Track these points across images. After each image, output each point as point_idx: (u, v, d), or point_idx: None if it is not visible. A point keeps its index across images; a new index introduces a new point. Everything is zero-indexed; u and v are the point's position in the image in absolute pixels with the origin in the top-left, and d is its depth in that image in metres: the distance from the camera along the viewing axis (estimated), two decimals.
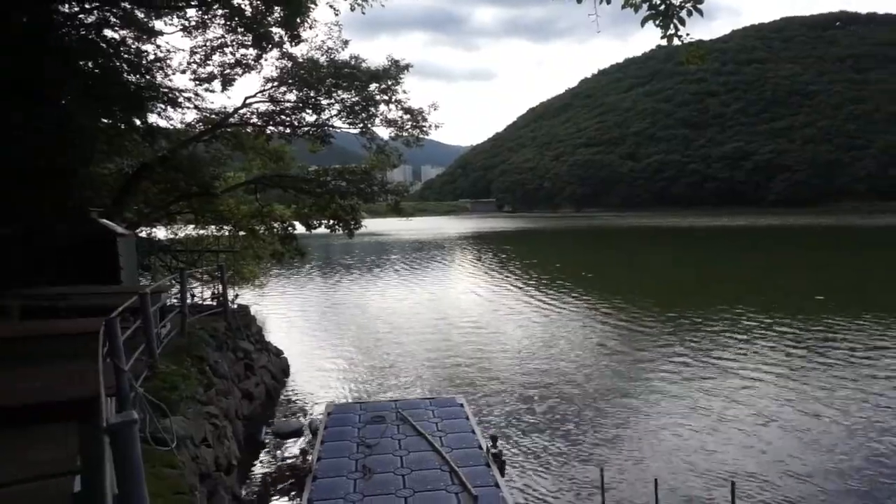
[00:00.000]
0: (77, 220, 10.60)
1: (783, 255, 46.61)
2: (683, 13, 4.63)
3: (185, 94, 15.04)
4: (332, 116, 17.58)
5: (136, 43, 13.38)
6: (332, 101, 17.20)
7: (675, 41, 4.74)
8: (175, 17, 13.97)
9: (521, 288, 29.17)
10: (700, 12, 4.64)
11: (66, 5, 11.66)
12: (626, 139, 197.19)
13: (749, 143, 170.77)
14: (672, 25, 4.66)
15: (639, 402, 11.96)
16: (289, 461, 8.69)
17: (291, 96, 17.24)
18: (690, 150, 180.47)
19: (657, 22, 4.67)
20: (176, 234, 19.55)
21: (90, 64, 11.65)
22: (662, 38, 4.75)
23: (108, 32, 12.29)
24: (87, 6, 12.03)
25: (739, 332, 17.86)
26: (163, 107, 14.52)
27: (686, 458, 9.22)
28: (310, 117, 17.58)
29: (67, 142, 10.36)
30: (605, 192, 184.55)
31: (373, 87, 17.02)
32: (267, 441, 10.19)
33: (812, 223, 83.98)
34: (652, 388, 12.77)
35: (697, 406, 11.52)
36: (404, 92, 17.29)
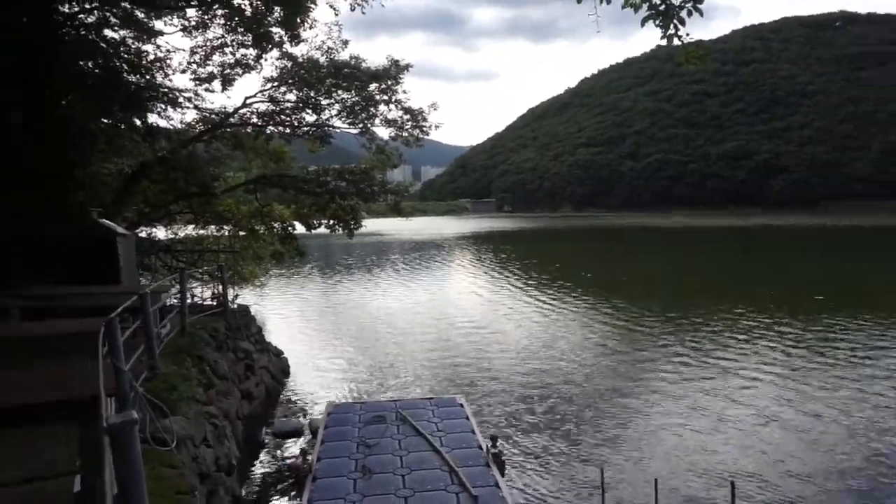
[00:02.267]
0: (77, 219, 10.59)
1: (779, 255, 46.60)
2: (683, 13, 4.62)
3: (185, 94, 15.01)
4: (331, 116, 17.56)
5: (136, 43, 13.36)
6: (332, 101, 17.18)
7: (675, 41, 4.74)
8: (175, 17, 13.95)
9: (520, 288, 29.18)
10: (700, 12, 4.64)
11: (66, 5, 11.64)
12: (626, 139, 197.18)
13: (749, 143, 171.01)
14: (672, 25, 4.65)
15: (639, 401, 11.97)
16: (289, 461, 8.68)
17: (291, 96, 17.23)
18: (690, 149, 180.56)
19: (657, 22, 4.66)
20: (176, 234, 19.53)
21: (90, 64, 11.63)
22: (662, 38, 4.74)
23: (108, 32, 12.27)
24: (87, 6, 12.01)
25: (739, 332, 17.88)
26: (163, 107, 14.48)
27: (686, 458, 9.23)
28: (310, 117, 17.56)
29: (68, 142, 10.35)
30: (606, 192, 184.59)
31: (373, 86, 17.00)
32: (267, 441, 10.20)
33: (806, 223, 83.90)
34: (652, 388, 12.78)
35: (697, 406, 11.53)
36: (404, 92, 17.28)
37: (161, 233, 18.88)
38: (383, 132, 18.24)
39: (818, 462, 8.98)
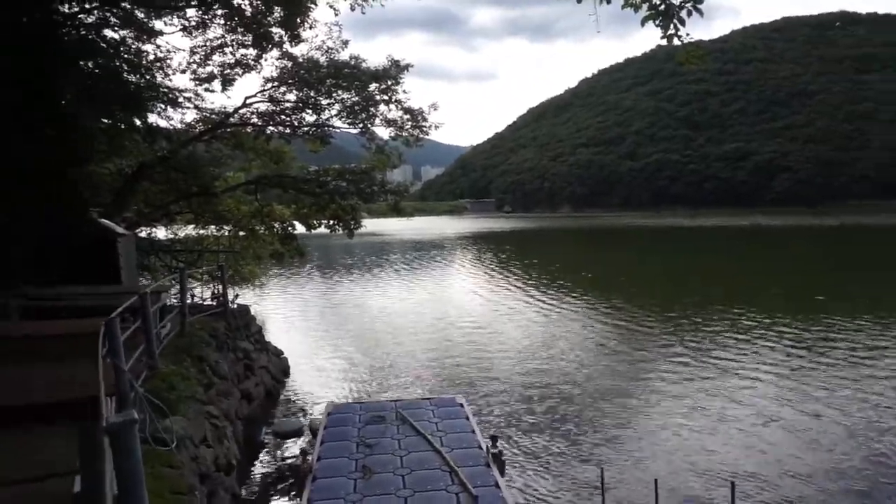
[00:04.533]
0: (77, 219, 10.59)
1: (782, 254, 46.57)
2: (683, 13, 4.62)
3: (186, 94, 15.06)
4: (332, 116, 17.59)
5: (136, 43, 13.38)
6: (332, 101, 17.20)
7: (675, 41, 4.74)
8: (175, 17, 13.96)
9: (520, 288, 29.16)
10: (700, 12, 4.64)
11: (66, 5, 11.64)
12: (625, 139, 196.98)
13: (749, 143, 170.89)
14: (672, 25, 4.65)
15: (639, 401, 11.97)
16: (288, 461, 8.70)
17: (291, 96, 17.26)
18: (690, 149, 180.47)
19: (657, 22, 4.66)
20: (176, 234, 19.53)
21: (90, 64, 11.63)
22: (662, 38, 4.74)
23: (108, 32, 12.28)
24: (87, 6, 12.01)
25: (739, 331, 17.86)
26: (163, 106, 14.51)
27: (686, 458, 9.22)
28: (310, 117, 17.59)
29: (67, 142, 10.34)
30: (605, 192, 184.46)
31: (373, 87, 17.02)
32: (267, 441, 10.20)
33: (809, 223, 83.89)
34: (652, 388, 12.78)
35: (697, 406, 11.52)
36: (404, 92, 17.31)
37: (161, 233, 18.89)
38: (383, 132, 18.29)
39: (818, 462, 8.97)
